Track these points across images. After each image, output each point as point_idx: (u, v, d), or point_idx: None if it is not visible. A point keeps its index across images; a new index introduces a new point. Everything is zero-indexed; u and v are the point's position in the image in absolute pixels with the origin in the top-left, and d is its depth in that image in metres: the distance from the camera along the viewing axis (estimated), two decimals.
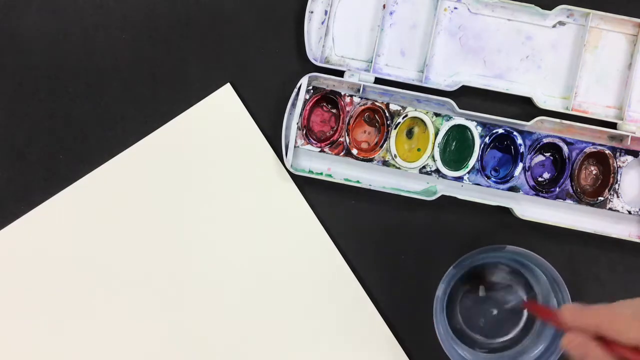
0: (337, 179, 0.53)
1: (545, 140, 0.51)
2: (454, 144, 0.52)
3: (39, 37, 0.54)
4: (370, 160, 0.52)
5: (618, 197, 0.51)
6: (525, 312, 0.52)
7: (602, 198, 0.51)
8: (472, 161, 0.52)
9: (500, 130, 0.52)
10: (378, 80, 0.52)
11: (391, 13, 0.53)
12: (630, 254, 0.53)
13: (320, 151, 0.52)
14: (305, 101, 0.52)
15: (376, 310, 0.53)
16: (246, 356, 0.52)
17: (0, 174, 0.54)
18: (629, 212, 0.51)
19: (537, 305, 0.51)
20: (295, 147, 0.52)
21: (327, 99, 0.53)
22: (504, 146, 0.53)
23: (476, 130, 0.52)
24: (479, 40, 0.53)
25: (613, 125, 0.52)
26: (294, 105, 0.52)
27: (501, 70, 0.53)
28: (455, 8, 0.53)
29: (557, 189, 0.52)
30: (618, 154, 0.51)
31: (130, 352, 0.52)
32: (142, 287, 0.53)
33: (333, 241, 0.53)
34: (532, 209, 0.53)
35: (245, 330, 0.53)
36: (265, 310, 0.53)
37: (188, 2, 0.54)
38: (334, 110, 0.53)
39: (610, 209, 0.51)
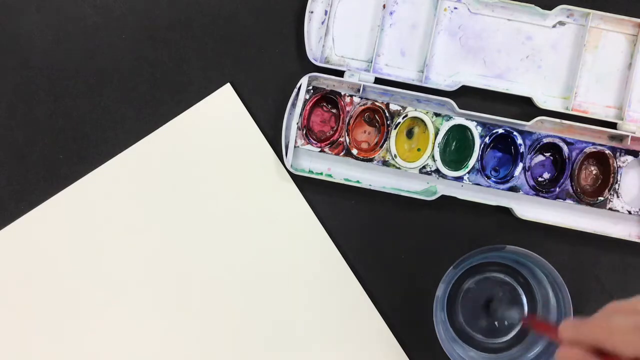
0: (337, 179, 0.53)
1: (545, 140, 0.51)
2: (454, 144, 0.52)
3: (39, 37, 0.54)
4: (370, 160, 0.52)
5: (618, 197, 0.51)
6: (525, 314, 0.52)
7: (602, 198, 0.51)
8: (472, 161, 0.52)
9: (500, 130, 0.51)
10: (378, 80, 0.52)
11: (391, 13, 0.53)
12: (630, 254, 0.53)
13: (320, 151, 0.52)
14: (305, 101, 0.52)
15: (376, 310, 0.53)
16: (246, 355, 0.52)
17: (0, 174, 0.54)
18: (629, 212, 0.51)
19: (537, 320, 0.50)
20: (295, 147, 0.52)
21: (327, 99, 0.53)
22: (504, 146, 0.53)
23: (476, 130, 0.52)
24: (479, 40, 0.53)
25: (613, 125, 0.52)
26: (294, 105, 0.52)
27: (501, 70, 0.53)
28: (455, 8, 0.53)
29: (557, 189, 0.51)
30: (618, 154, 0.51)
31: (130, 351, 0.52)
32: (142, 286, 0.53)
33: (333, 241, 0.53)
34: (532, 209, 0.53)
35: (245, 330, 0.53)
36: (265, 310, 0.53)
37: (188, 2, 0.54)
38: (334, 110, 0.53)
39: (610, 209, 0.51)
